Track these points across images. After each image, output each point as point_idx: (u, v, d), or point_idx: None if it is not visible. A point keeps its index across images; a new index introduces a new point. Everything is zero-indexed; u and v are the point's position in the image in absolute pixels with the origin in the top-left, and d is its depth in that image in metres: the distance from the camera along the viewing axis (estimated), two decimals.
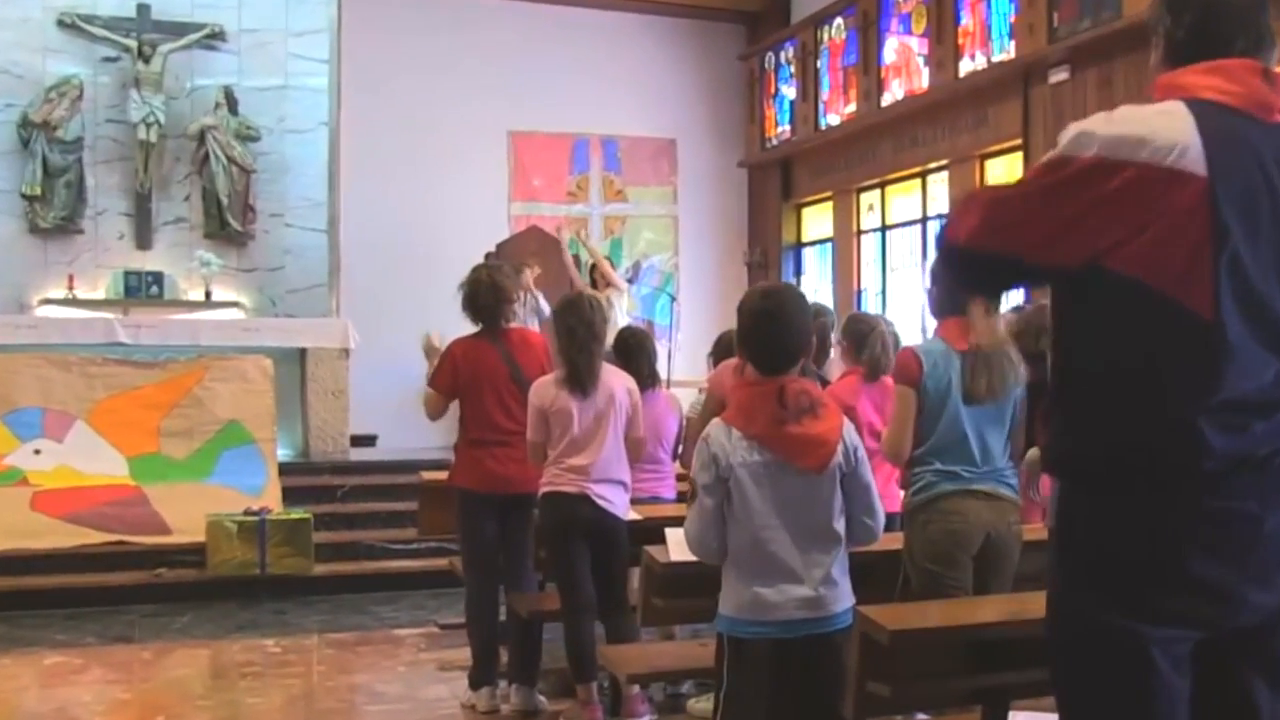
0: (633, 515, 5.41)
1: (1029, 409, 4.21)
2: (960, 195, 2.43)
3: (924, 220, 12.89)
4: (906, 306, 12.54)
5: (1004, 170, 11.69)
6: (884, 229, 13.56)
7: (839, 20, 13.81)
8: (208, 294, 12.52)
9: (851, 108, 13.62)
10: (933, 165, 12.57)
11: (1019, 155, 11.28)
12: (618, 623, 5.28)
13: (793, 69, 14.69)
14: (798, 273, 15.05)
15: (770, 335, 3.41)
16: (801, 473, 3.34)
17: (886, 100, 13.00)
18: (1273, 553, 2.20)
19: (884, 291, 13.34)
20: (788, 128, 14.86)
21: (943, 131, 12.20)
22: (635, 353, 6.20)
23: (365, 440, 12.08)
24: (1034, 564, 4.22)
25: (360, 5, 13.29)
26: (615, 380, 5.39)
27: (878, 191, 13.62)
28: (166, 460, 9.47)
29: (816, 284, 14.51)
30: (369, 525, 9.75)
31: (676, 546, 3.99)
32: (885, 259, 13.51)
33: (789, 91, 14.82)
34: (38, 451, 9.37)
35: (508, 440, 5.62)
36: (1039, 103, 10.94)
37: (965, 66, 11.85)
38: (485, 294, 5.74)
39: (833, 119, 13.98)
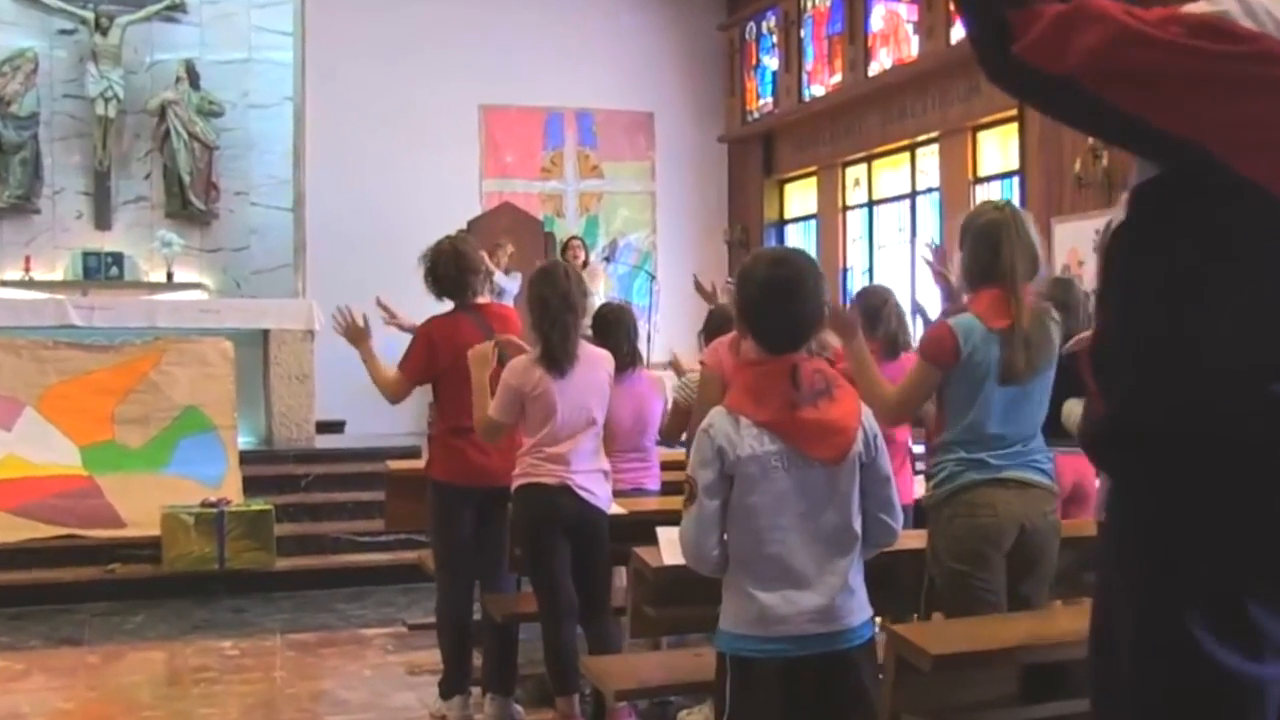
0: (615, 509, 4.95)
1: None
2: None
3: (913, 195, 12.55)
4: (895, 286, 12.10)
5: (998, 144, 11.33)
6: (870, 204, 13.23)
7: None
8: (170, 275, 12.15)
9: (837, 78, 13.27)
10: (922, 138, 12.26)
11: (1014, 127, 10.92)
12: (600, 628, 4.82)
13: (775, 39, 14.33)
14: None
15: (783, 308, 2.97)
16: (817, 464, 2.91)
17: (874, 70, 12.65)
18: None
19: (870, 270, 12.95)
20: (770, 100, 14.52)
21: (933, 102, 11.83)
22: (613, 328, 5.75)
23: (331, 426, 11.68)
24: (1064, 561, 3.82)
25: None
26: (597, 360, 4.91)
27: (864, 166, 13.32)
28: (121, 449, 8.96)
29: None
30: (335, 517, 9.29)
31: (670, 548, 3.53)
32: (872, 236, 13.15)
33: (771, 62, 14.46)
34: None
35: None
36: None
37: (957, 33, 11.43)
38: (447, 264, 5.28)
39: (817, 90, 13.63)
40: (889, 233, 12.98)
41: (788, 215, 14.78)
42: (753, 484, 2.88)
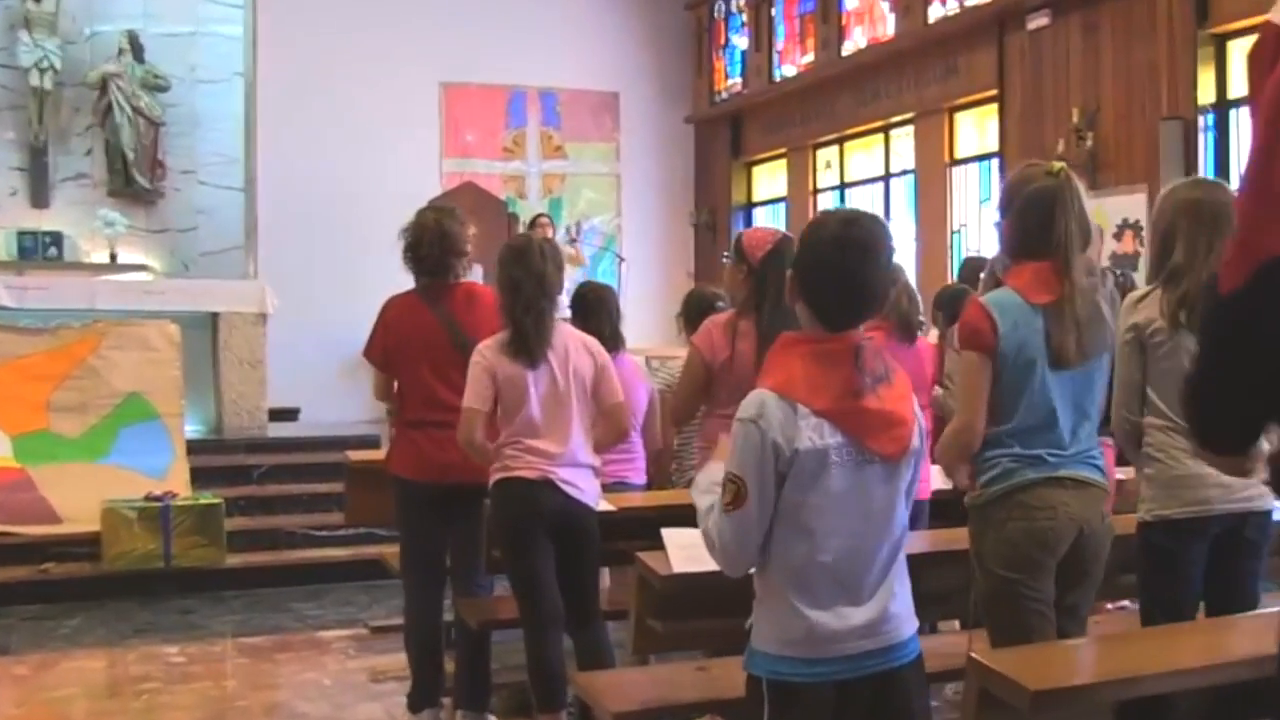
0: (604, 505, 4.49)
1: None
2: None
3: (886, 178, 12.23)
4: None
5: (975, 125, 10.99)
6: (842, 187, 12.91)
7: None
8: (113, 256, 11.76)
9: (809, 58, 12.98)
10: (896, 119, 11.97)
11: (993, 108, 10.59)
12: (591, 638, 4.35)
13: (744, 17, 14.03)
14: None
15: (855, 276, 2.52)
16: (877, 460, 2.49)
17: (847, 49, 12.35)
18: None
19: None
20: (739, 80, 14.22)
21: (908, 83, 11.51)
22: (595, 310, 5.37)
23: (285, 414, 11.32)
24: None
25: None
26: (573, 343, 4.41)
27: (835, 147, 12.98)
28: (56, 438, 8.43)
29: None
30: (289, 510, 8.91)
31: (680, 554, 3.07)
32: None
33: (740, 41, 14.15)
34: None
35: (453, 421, 4.67)
36: (1015, 51, 10.24)
37: (935, 12, 11.18)
38: (431, 243, 4.78)
39: (788, 70, 13.33)
40: None
41: (756, 198, 14.43)
42: (808, 481, 2.45)
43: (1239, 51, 8.42)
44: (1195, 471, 3.39)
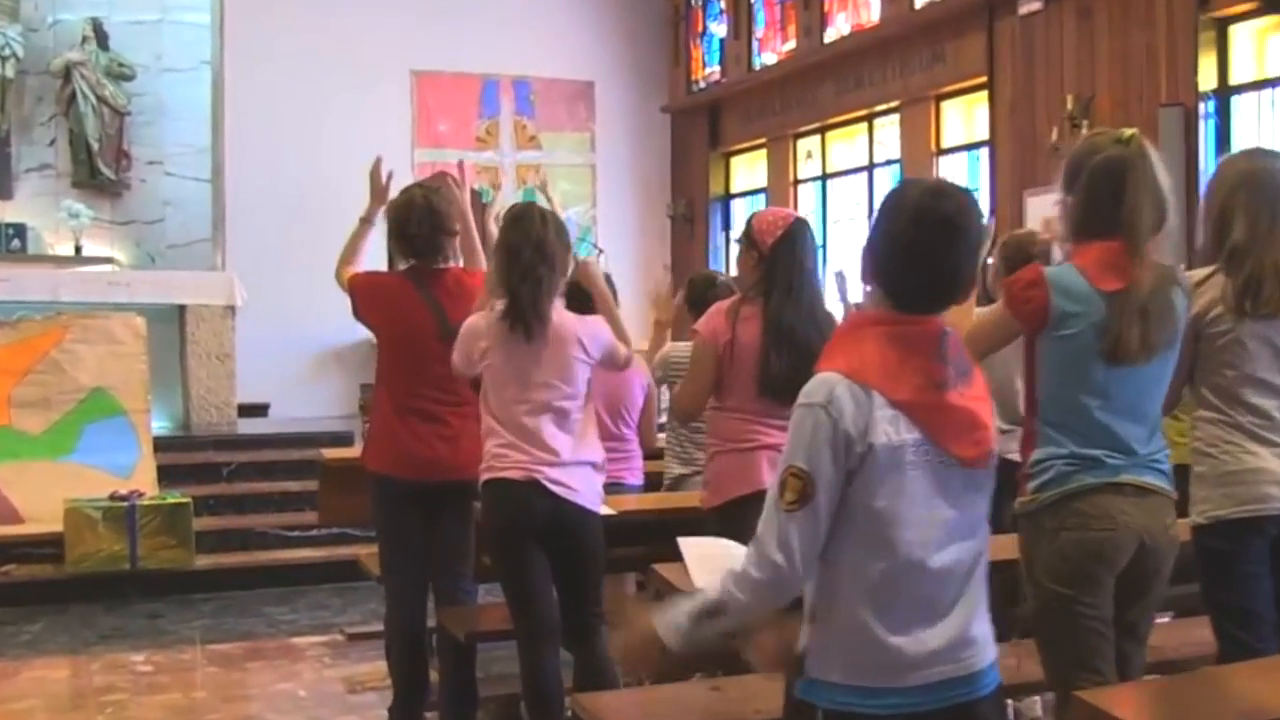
0: (604, 510, 4.19)
1: None
2: None
3: (870, 168, 12.05)
4: (849, 262, 11.54)
5: (962, 114, 10.80)
6: (824, 178, 12.75)
7: None
8: (78, 249, 11.55)
9: (790, 45, 12.83)
10: (881, 108, 11.80)
11: (981, 95, 10.41)
12: (591, 655, 4.04)
13: (723, 4, 13.87)
14: (726, 227, 14.14)
15: (936, 257, 2.22)
16: (956, 464, 2.20)
17: (830, 36, 12.20)
18: None
19: (824, 245, 12.33)
20: (717, 69, 14.07)
21: (894, 70, 11.34)
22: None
23: (255, 410, 11.05)
24: None
25: None
26: (568, 333, 4.05)
27: (817, 138, 12.81)
28: (18, 435, 8.13)
29: None
30: (260, 509, 8.66)
31: (701, 566, 2.78)
32: (825, 210, 12.60)
33: (718, 29, 13.98)
34: None
35: (436, 414, 4.40)
36: (1006, 37, 10.05)
37: None
38: (420, 221, 4.48)
39: (768, 58, 13.19)
40: (844, 207, 12.44)
41: (734, 189, 14.28)
42: (882, 482, 2.16)
43: (1241, 35, 8.23)
44: (1251, 466, 3.13)
